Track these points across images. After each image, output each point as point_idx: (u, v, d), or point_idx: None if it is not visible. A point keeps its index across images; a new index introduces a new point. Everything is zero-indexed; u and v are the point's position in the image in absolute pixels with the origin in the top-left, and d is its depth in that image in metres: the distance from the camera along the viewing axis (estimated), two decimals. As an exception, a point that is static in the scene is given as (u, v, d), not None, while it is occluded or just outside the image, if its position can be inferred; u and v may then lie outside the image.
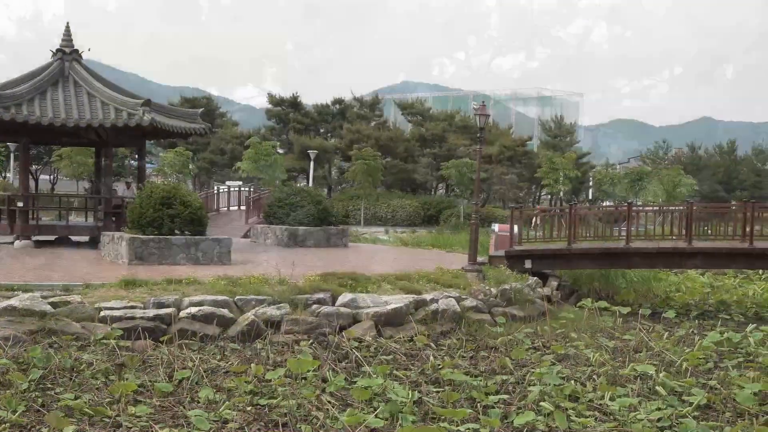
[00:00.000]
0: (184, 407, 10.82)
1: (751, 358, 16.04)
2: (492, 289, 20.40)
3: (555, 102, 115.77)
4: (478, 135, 24.35)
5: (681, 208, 27.37)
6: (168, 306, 15.65)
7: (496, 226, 28.40)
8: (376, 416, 10.34)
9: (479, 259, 23.91)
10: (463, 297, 19.22)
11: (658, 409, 11.43)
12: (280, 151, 61.17)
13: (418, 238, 38.79)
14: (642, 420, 10.85)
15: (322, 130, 74.94)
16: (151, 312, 15.34)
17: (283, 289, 17.18)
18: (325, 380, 12.44)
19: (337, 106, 75.87)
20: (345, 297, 17.38)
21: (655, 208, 37.68)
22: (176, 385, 11.93)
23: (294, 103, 73.65)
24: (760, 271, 33.36)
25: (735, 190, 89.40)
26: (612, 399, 11.84)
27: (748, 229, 24.62)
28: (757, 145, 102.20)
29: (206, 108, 68.52)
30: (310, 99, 79.82)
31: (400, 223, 56.03)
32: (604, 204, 65.59)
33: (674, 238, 25.97)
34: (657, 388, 12.70)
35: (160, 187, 23.04)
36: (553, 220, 28.32)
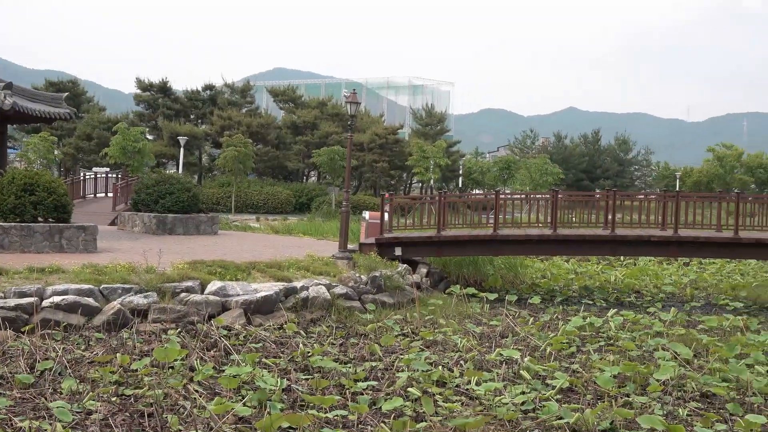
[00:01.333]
0: (46, 399, 10.54)
1: (612, 342, 16.57)
2: (362, 276, 20.51)
3: (426, 91, 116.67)
4: (349, 123, 24.41)
5: (547, 196, 28.01)
6: (30, 295, 15.19)
7: (366, 214, 28.46)
8: (244, 404, 10.29)
9: (350, 246, 24.01)
10: (334, 284, 19.27)
11: (523, 392, 11.70)
12: (149, 137, 60.10)
13: (289, 225, 38.69)
14: (507, 404, 11.09)
15: (192, 116, 73.83)
16: (12, 301, 14.87)
17: (150, 278, 16.89)
18: (193, 369, 12.31)
19: (208, 92, 74.93)
20: (214, 285, 17.22)
21: (522, 196, 38.51)
22: (38, 377, 11.62)
23: (163, 89, 72.37)
24: (622, 258, 34.49)
25: (599, 179, 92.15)
26: (478, 384, 12.07)
27: (610, 217, 25.39)
28: (619, 135, 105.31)
29: (72, 92, 66.82)
30: (180, 85, 78.72)
31: (272, 211, 55.83)
32: (474, 192, 66.74)
33: (540, 225, 26.59)
34: (522, 372, 13.00)
35: (23, 173, 22.36)
36: (423, 207, 28.62)
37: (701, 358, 15.00)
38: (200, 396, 10.77)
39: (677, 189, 75.21)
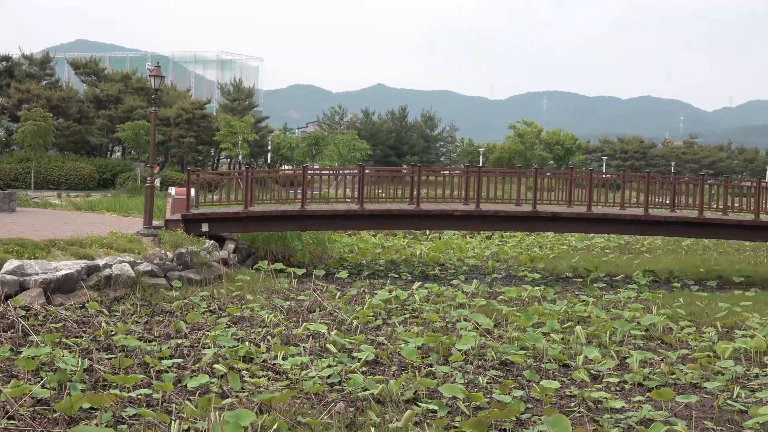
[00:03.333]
0: None
1: (417, 314, 16.97)
2: (168, 253, 20.19)
3: (235, 65, 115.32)
4: (154, 97, 23.94)
5: (354, 172, 28.26)
6: None
7: (173, 190, 28.01)
8: (42, 386, 9.98)
9: (156, 223, 23.57)
10: (138, 261, 18.88)
11: (329, 366, 11.84)
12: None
13: (92, 202, 37.56)
14: (313, 377, 11.20)
15: (-13, 89, 70.49)
16: None
17: (-59, 257, 16.11)
18: (-12, 352, 11.83)
19: (4, 63, 71.62)
20: (11, 264, 16.55)
21: (330, 172, 38.72)
22: None
23: (-45, 59, 68.82)
24: (427, 232, 35.28)
25: (406, 155, 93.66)
26: (285, 358, 12.13)
27: (415, 193, 25.89)
28: (426, 111, 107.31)
29: None
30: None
31: (74, 187, 54.08)
32: (283, 168, 66.70)
33: (348, 201, 26.85)
34: (328, 346, 13.15)
35: None
36: (231, 183, 28.38)
37: (501, 328, 15.58)
38: (-4, 379, 10.37)
39: (480, 165, 77.41)
